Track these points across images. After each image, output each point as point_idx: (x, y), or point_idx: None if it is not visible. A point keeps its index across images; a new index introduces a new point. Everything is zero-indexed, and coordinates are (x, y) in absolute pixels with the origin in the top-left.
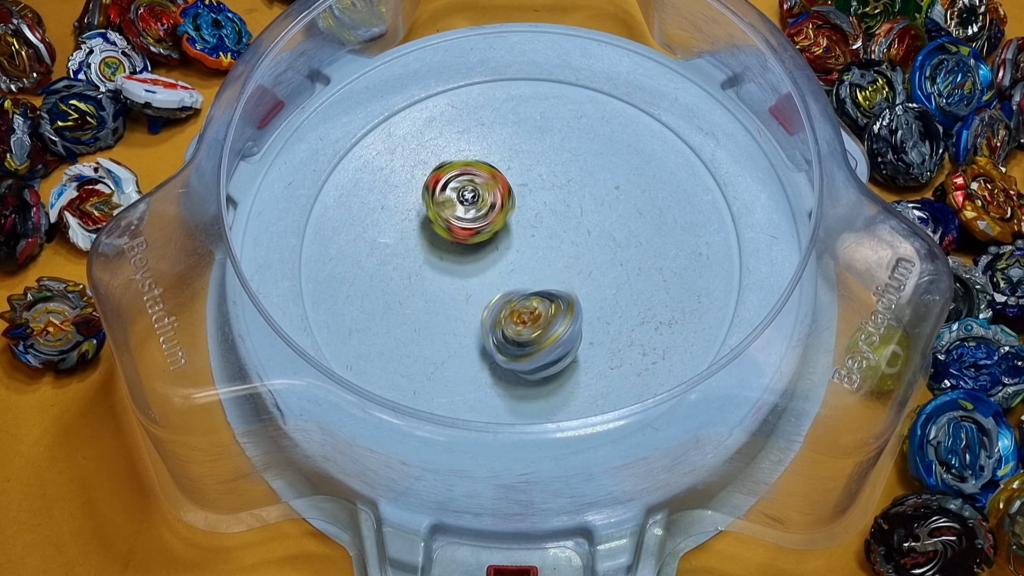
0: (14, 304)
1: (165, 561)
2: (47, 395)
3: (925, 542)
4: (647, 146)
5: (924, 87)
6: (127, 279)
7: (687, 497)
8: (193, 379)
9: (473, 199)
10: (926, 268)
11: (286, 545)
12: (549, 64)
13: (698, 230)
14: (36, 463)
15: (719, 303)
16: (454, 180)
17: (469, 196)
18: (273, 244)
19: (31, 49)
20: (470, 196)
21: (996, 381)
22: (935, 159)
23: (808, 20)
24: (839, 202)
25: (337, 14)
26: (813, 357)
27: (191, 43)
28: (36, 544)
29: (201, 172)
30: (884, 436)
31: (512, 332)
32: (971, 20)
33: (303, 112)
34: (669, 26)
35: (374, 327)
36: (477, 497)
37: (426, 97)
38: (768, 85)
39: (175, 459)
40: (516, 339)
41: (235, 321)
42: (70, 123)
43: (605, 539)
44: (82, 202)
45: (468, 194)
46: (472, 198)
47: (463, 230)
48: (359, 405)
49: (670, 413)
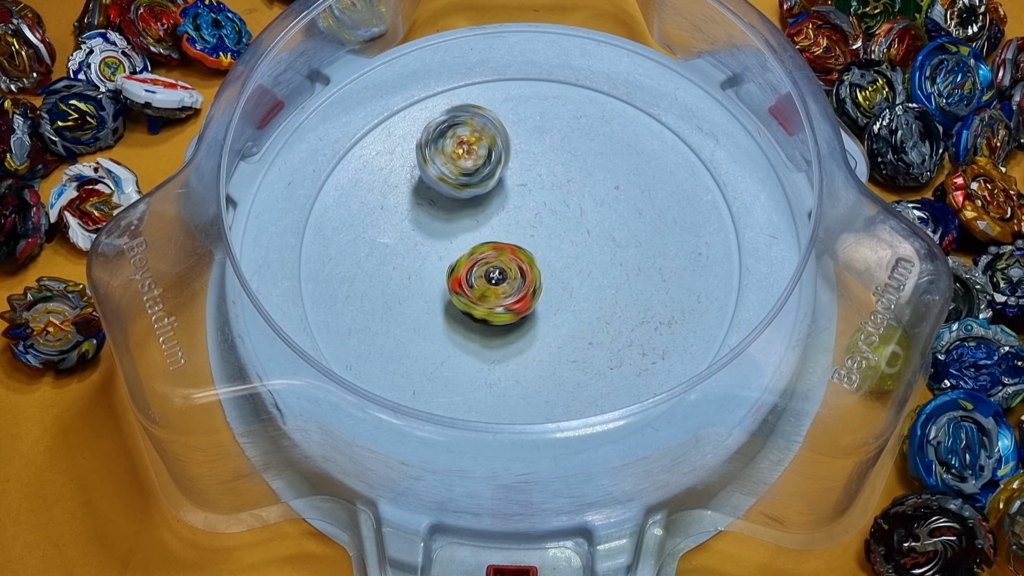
0: (14, 304)
1: (165, 561)
2: (47, 395)
3: (925, 542)
4: (647, 146)
5: (924, 87)
6: (127, 279)
7: (687, 497)
8: (193, 379)
9: (502, 278)
10: (926, 268)
11: (286, 545)
12: (549, 64)
13: (698, 230)
14: (36, 463)
15: (719, 303)
16: (476, 268)
17: (497, 276)
18: (273, 244)
19: (31, 49)
20: (497, 276)
21: (996, 381)
22: (935, 159)
23: (808, 20)
24: (839, 202)
25: (337, 14)
26: (813, 357)
27: (191, 43)
28: (36, 544)
29: (201, 172)
30: (884, 436)
31: (458, 167)
32: (971, 20)
33: (303, 112)
34: (669, 26)
35: (374, 327)
36: (477, 497)
37: (426, 97)
38: (768, 85)
39: (175, 459)
40: (470, 170)
41: (235, 321)
42: (70, 123)
43: (605, 539)
44: (82, 202)
45: (495, 274)
46: (501, 277)
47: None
48: (359, 405)
49: (670, 413)
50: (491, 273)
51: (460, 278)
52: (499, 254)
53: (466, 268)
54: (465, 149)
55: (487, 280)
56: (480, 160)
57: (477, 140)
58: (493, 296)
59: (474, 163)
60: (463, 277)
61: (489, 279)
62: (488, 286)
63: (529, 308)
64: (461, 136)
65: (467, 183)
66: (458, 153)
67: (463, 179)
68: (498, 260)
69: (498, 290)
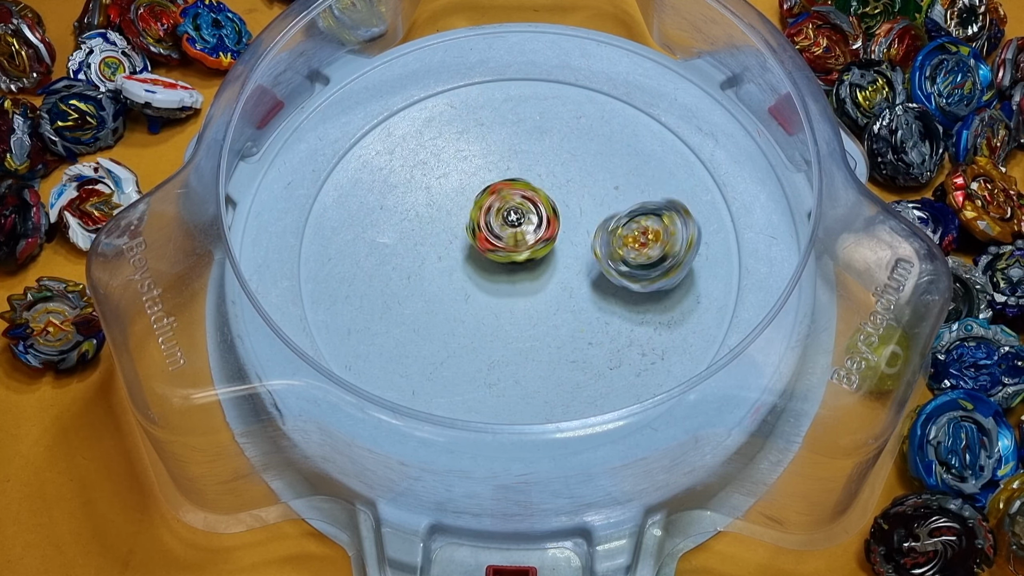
0: (14, 304)
1: (164, 561)
2: (47, 395)
3: (925, 542)
4: (646, 146)
5: (924, 87)
6: (126, 279)
7: (686, 497)
8: (192, 379)
9: (519, 218)
10: (925, 268)
11: (285, 545)
12: (548, 64)
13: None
14: (36, 463)
15: (718, 303)
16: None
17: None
18: (272, 244)
19: (31, 49)
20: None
21: (996, 381)
22: (935, 159)
23: (808, 20)
24: (838, 202)
25: (337, 14)
26: (812, 357)
27: (191, 43)
28: (36, 544)
29: (200, 172)
30: (883, 436)
31: (638, 258)
32: (971, 20)
33: (302, 112)
34: (668, 26)
35: (373, 327)
36: (476, 497)
37: (425, 97)
38: (767, 85)
39: (174, 459)
40: (645, 263)
41: (234, 321)
42: (70, 123)
43: (604, 539)
44: (82, 202)
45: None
46: (518, 218)
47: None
48: (358, 405)
49: (669, 414)
50: (508, 217)
51: (484, 236)
52: (500, 195)
53: (483, 221)
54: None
55: (509, 225)
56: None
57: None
58: (522, 236)
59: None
60: (485, 234)
61: (509, 223)
62: (515, 229)
63: (559, 228)
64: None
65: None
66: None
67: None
68: (504, 201)
69: (524, 230)
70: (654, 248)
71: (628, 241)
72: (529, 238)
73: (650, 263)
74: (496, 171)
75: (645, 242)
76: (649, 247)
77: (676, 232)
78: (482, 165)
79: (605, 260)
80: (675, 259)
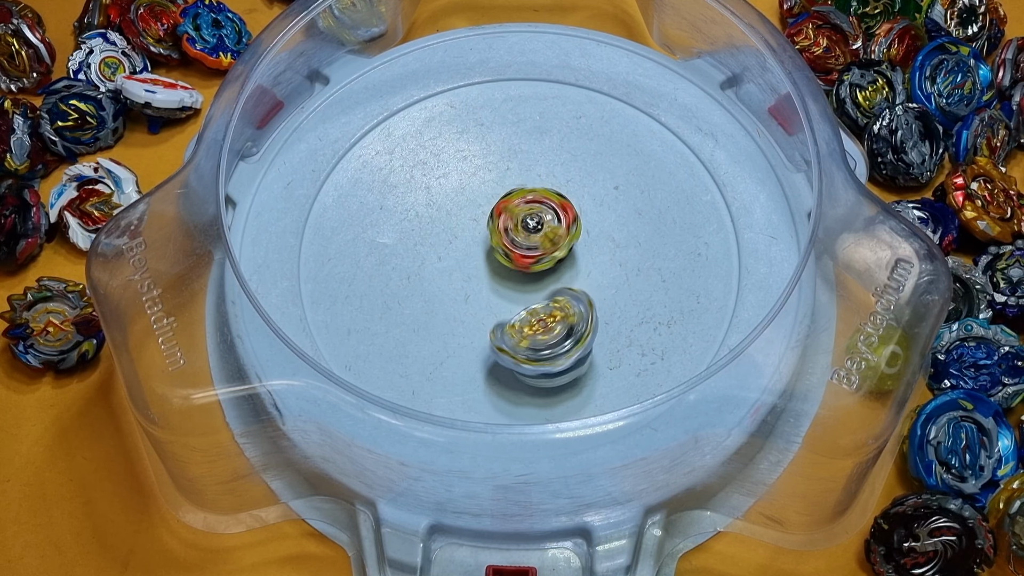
0: (14, 304)
1: (164, 562)
2: (47, 395)
3: (925, 542)
4: (646, 146)
5: (924, 87)
6: (126, 279)
7: (686, 498)
8: (192, 380)
9: (539, 224)
10: (925, 268)
11: (285, 546)
12: (548, 64)
13: (697, 230)
14: (36, 463)
15: (718, 303)
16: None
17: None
18: (272, 244)
19: (31, 49)
20: (534, 224)
21: (996, 381)
22: (935, 159)
23: (808, 20)
24: (838, 203)
25: (337, 14)
26: (812, 358)
27: (191, 43)
28: (36, 544)
29: (200, 172)
30: (883, 437)
31: (544, 338)
32: (971, 20)
33: (302, 112)
34: (668, 26)
35: (373, 327)
36: (476, 498)
37: (425, 97)
38: (767, 85)
39: (174, 460)
40: (553, 341)
41: (234, 321)
42: (70, 123)
43: (604, 540)
44: (82, 202)
45: (532, 221)
46: (538, 224)
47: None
48: (358, 406)
49: (669, 414)
50: (528, 225)
51: (519, 254)
52: (507, 211)
53: (507, 242)
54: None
55: (533, 231)
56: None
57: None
58: (552, 233)
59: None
60: (519, 252)
61: (532, 229)
62: (540, 232)
63: (573, 206)
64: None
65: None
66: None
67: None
68: (513, 215)
69: (549, 226)
70: (557, 325)
71: (528, 331)
72: (559, 230)
73: (558, 339)
74: (496, 171)
75: (546, 326)
76: (550, 327)
77: (571, 306)
78: (482, 165)
79: (512, 353)
80: (583, 329)
